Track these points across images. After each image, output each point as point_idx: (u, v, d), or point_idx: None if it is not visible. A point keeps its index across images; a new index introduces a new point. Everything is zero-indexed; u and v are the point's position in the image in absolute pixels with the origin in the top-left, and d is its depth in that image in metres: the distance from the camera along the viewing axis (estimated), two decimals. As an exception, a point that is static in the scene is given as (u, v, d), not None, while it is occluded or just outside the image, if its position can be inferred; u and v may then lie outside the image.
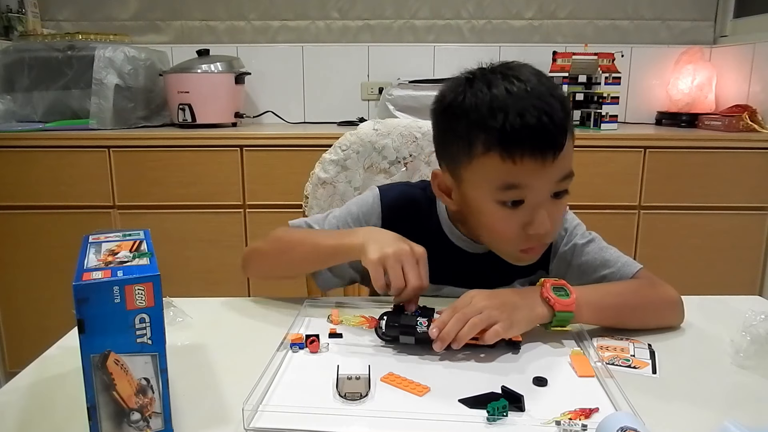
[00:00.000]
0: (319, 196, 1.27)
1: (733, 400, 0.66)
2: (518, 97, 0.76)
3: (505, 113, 0.75)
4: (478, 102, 0.78)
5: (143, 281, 0.52)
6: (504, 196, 0.79)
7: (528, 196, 0.78)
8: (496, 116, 0.75)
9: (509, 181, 0.78)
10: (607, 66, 2.10)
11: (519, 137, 0.74)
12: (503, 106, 0.75)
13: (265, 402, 0.62)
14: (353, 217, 0.96)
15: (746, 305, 0.85)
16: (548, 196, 0.79)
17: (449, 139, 0.84)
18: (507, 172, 0.77)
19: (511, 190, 0.78)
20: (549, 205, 0.79)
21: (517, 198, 0.79)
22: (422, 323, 0.73)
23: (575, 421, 0.57)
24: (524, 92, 0.76)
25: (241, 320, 0.88)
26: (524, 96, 0.76)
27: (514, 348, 0.74)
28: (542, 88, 0.77)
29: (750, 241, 1.98)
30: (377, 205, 0.96)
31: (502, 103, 0.76)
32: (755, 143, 1.93)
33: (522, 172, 0.76)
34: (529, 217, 0.79)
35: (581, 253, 0.93)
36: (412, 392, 0.65)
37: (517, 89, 0.76)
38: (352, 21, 2.44)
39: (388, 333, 0.75)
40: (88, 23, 2.42)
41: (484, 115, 0.76)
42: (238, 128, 2.20)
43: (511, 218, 0.80)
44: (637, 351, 0.75)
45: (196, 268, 1.98)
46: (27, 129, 1.99)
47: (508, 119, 0.75)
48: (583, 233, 0.96)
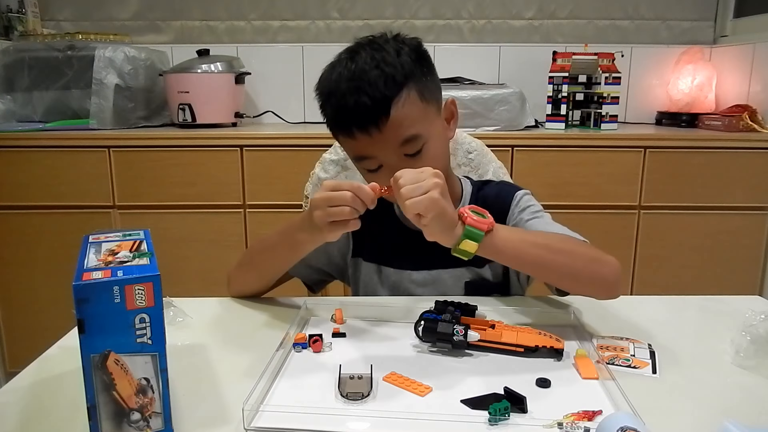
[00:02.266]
0: (320, 196, 1.27)
1: (733, 400, 0.66)
2: (345, 79, 0.86)
3: (334, 98, 0.87)
4: (323, 90, 0.90)
5: (143, 281, 0.52)
6: (362, 165, 0.92)
7: (381, 162, 0.89)
8: (329, 102, 0.88)
9: (358, 154, 0.90)
10: (607, 66, 2.10)
11: (345, 118, 0.86)
12: (333, 91, 0.87)
13: (265, 402, 0.62)
14: None
15: (746, 305, 0.85)
16: (399, 158, 0.87)
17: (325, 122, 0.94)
18: (352, 147, 0.90)
19: (364, 160, 0.90)
20: (406, 163, 0.85)
21: (373, 166, 0.89)
22: (459, 332, 0.73)
23: (578, 423, 0.57)
24: (351, 74, 0.85)
25: (241, 320, 0.88)
26: (350, 77, 0.85)
27: (557, 355, 0.73)
28: (366, 66, 0.85)
29: (750, 241, 1.98)
30: None
31: (333, 89, 0.87)
32: (755, 143, 1.92)
33: (361, 145, 0.87)
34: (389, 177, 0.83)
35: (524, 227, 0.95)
36: (414, 392, 0.65)
37: (347, 72, 0.86)
38: (352, 21, 2.44)
39: (425, 338, 0.75)
40: (88, 23, 2.42)
41: (325, 102, 0.90)
42: (238, 128, 2.20)
43: (378, 180, 0.86)
44: (638, 351, 0.75)
45: (196, 268, 1.98)
46: (27, 129, 1.99)
47: (335, 103, 0.87)
48: (535, 212, 0.98)
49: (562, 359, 0.73)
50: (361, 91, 0.84)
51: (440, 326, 0.74)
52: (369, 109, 0.83)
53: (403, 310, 0.85)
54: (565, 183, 1.92)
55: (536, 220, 0.96)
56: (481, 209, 0.80)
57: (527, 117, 2.04)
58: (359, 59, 0.86)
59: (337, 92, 0.86)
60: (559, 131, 2.06)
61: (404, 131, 0.86)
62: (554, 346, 0.72)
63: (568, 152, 1.94)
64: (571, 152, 1.94)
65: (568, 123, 2.13)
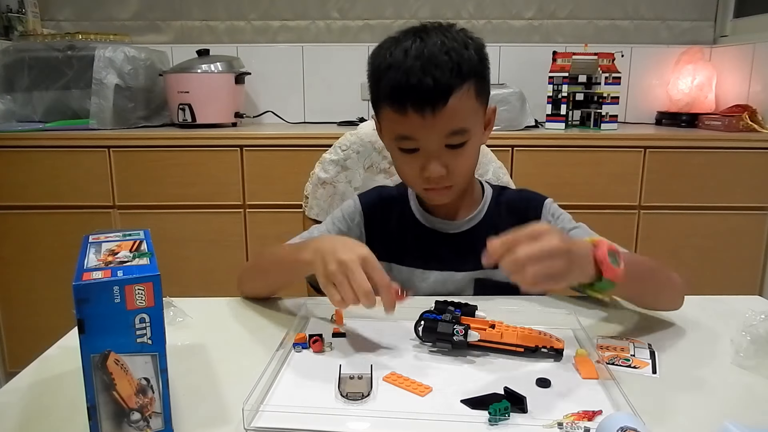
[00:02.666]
0: (319, 196, 1.27)
1: (733, 400, 0.66)
2: (412, 56, 0.84)
3: (396, 72, 0.85)
4: (382, 61, 0.88)
5: (143, 281, 0.52)
6: (400, 144, 0.90)
7: (420, 146, 0.88)
8: (388, 74, 0.86)
9: (400, 132, 0.89)
10: (607, 66, 2.10)
11: (403, 94, 0.84)
12: (397, 65, 0.85)
13: (265, 402, 0.62)
14: (339, 219, 1.04)
15: (746, 305, 0.85)
16: (440, 147, 0.88)
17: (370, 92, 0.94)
18: (398, 124, 0.88)
19: (404, 140, 0.89)
20: (444, 154, 0.88)
21: (411, 147, 0.89)
22: (459, 332, 0.73)
23: (578, 423, 0.57)
24: (420, 52, 0.84)
25: (241, 320, 0.88)
26: (417, 56, 0.84)
27: (557, 355, 0.73)
28: (436, 48, 0.84)
29: (750, 241, 1.98)
30: (358, 205, 1.05)
31: (397, 62, 0.85)
32: (755, 143, 1.92)
33: (409, 125, 0.86)
34: (424, 162, 0.89)
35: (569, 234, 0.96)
36: (414, 392, 0.65)
37: (415, 50, 0.85)
38: (352, 21, 2.44)
39: (425, 338, 0.75)
40: (88, 23, 2.42)
41: (383, 72, 0.87)
42: (238, 128, 2.20)
43: (410, 163, 0.91)
44: (638, 351, 0.75)
45: (196, 268, 1.98)
46: (27, 129, 1.99)
47: (396, 77, 0.84)
48: (570, 220, 1.00)
49: (562, 359, 0.72)
50: (427, 71, 0.82)
51: (440, 326, 0.74)
52: (430, 91, 0.83)
53: (403, 310, 0.85)
54: (565, 183, 1.92)
55: (578, 230, 0.98)
56: (612, 246, 0.75)
57: (527, 117, 2.04)
58: (429, 40, 0.85)
59: (400, 67, 0.84)
60: (559, 131, 2.06)
61: (456, 122, 0.86)
62: (554, 345, 0.72)
63: (568, 152, 1.94)
64: (571, 152, 1.94)
65: (568, 123, 2.13)
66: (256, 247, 1.99)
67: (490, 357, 0.73)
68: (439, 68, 0.83)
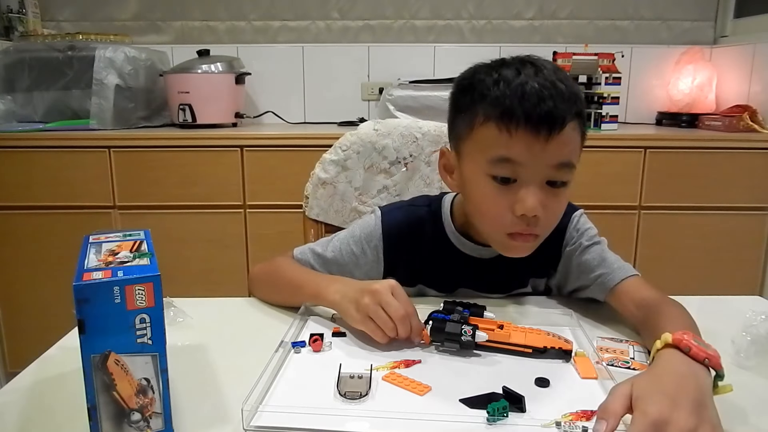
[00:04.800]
0: (320, 196, 1.27)
1: (734, 400, 0.65)
2: (526, 76, 0.78)
3: (508, 86, 0.78)
4: (487, 78, 0.81)
5: (143, 281, 0.52)
6: (496, 170, 0.79)
7: (520, 175, 0.79)
8: (499, 87, 0.78)
9: (503, 154, 0.78)
10: (607, 66, 2.10)
11: (516, 109, 0.76)
12: (508, 80, 0.78)
13: (264, 402, 0.62)
14: (355, 239, 0.97)
15: (746, 305, 0.85)
16: (542, 180, 0.79)
17: (458, 115, 0.86)
18: (502, 144, 0.78)
19: (504, 164, 0.79)
20: (543, 191, 0.79)
21: (509, 174, 0.79)
22: (467, 332, 0.72)
23: (576, 423, 0.57)
24: (533, 74, 0.78)
25: (241, 320, 0.88)
26: (531, 76, 0.78)
27: (565, 356, 0.72)
28: (552, 76, 0.79)
29: (750, 241, 1.98)
30: (378, 227, 0.97)
31: (508, 79, 0.79)
32: (755, 143, 1.92)
33: (516, 146, 0.77)
34: (521, 196, 0.79)
35: (584, 252, 0.94)
36: (413, 391, 0.65)
37: (527, 72, 0.79)
38: (353, 21, 2.44)
39: (434, 338, 0.75)
40: (88, 23, 2.42)
41: (489, 87, 0.79)
42: (238, 128, 2.20)
43: (501, 196, 0.80)
44: (637, 354, 0.75)
45: (196, 268, 1.98)
46: (27, 129, 1.99)
47: (508, 91, 0.77)
48: (592, 236, 0.96)
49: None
50: (547, 94, 0.76)
51: (448, 326, 0.73)
52: (551, 108, 0.76)
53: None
54: (565, 183, 1.92)
55: (595, 247, 0.93)
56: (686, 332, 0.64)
57: (527, 117, 2.04)
58: (542, 68, 0.80)
59: (515, 83, 0.78)
60: (559, 131, 2.06)
61: (565, 154, 0.79)
62: (562, 347, 0.72)
63: (568, 152, 1.94)
64: (571, 152, 1.94)
65: (569, 123, 2.13)
66: (257, 247, 1.99)
67: (489, 357, 0.73)
68: (559, 94, 0.77)
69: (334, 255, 0.97)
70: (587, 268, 0.92)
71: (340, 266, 0.96)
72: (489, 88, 0.79)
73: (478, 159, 0.81)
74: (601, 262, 0.91)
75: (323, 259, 0.97)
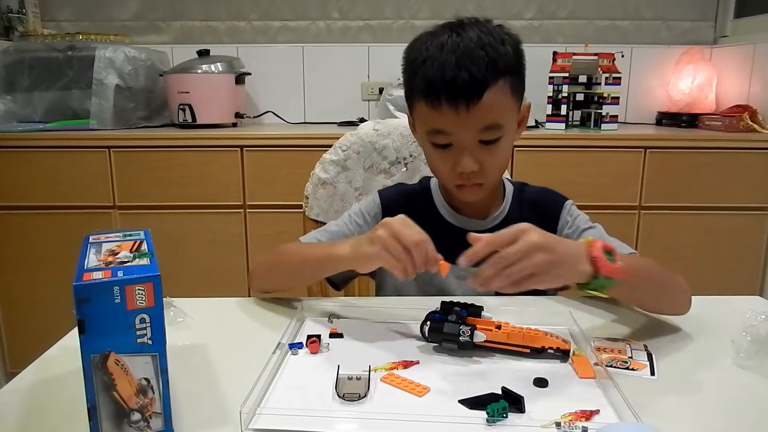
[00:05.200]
0: (320, 196, 1.27)
1: (734, 400, 0.66)
2: (448, 50, 0.84)
3: (431, 66, 0.85)
4: (418, 55, 0.88)
5: (143, 281, 0.52)
6: (434, 139, 0.90)
7: (454, 141, 0.88)
8: (423, 69, 0.86)
9: (434, 127, 0.88)
10: (607, 66, 2.10)
11: (437, 88, 0.84)
12: (432, 59, 0.85)
13: (263, 404, 0.62)
14: (357, 213, 1.04)
15: (747, 305, 0.85)
16: (473, 142, 0.88)
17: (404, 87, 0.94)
18: (432, 119, 0.88)
19: (438, 135, 0.89)
20: (477, 149, 0.88)
21: (444, 142, 0.89)
22: (465, 332, 0.72)
23: (576, 423, 0.57)
24: (455, 46, 0.84)
25: (241, 320, 0.88)
26: (453, 50, 0.84)
27: (564, 356, 0.72)
28: (472, 43, 0.85)
29: (750, 241, 1.98)
30: (377, 200, 1.05)
31: (432, 56, 0.85)
32: (755, 143, 1.92)
33: (443, 119, 0.86)
34: (457, 158, 0.88)
35: (582, 235, 0.97)
36: (412, 393, 0.65)
37: (451, 44, 0.85)
38: (353, 21, 2.44)
39: (431, 339, 0.75)
40: (88, 23, 2.42)
41: (418, 66, 0.87)
42: (238, 128, 2.20)
43: (443, 158, 0.90)
44: (635, 353, 0.75)
45: (196, 268, 1.98)
46: (27, 129, 1.99)
47: (431, 71, 0.85)
48: (587, 221, 1.01)
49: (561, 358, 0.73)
50: (463, 66, 0.83)
51: (446, 326, 0.73)
52: (466, 85, 0.83)
53: (406, 310, 0.85)
54: (565, 183, 1.90)
55: (592, 230, 0.98)
56: (608, 245, 0.76)
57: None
58: (464, 35, 0.86)
59: (435, 60, 0.84)
60: (559, 131, 2.06)
61: (490, 117, 0.86)
62: (561, 347, 0.72)
63: (569, 152, 1.94)
64: (571, 152, 1.94)
65: (569, 123, 2.13)
66: (257, 247, 1.99)
67: (488, 357, 0.73)
68: (475, 63, 0.83)
69: (339, 228, 1.02)
70: None
71: (344, 236, 1.00)
72: (419, 67, 0.87)
73: (420, 128, 0.93)
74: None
75: (328, 233, 1.01)
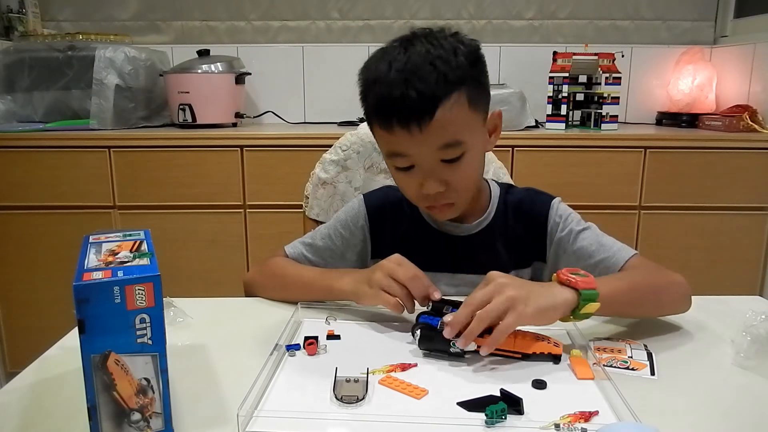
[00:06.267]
0: (320, 196, 1.27)
1: (734, 400, 0.66)
2: (396, 70, 0.80)
3: (380, 86, 0.81)
4: (369, 75, 0.85)
5: (143, 281, 0.52)
6: (394, 162, 0.87)
7: (414, 162, 0.84)
8: (374, 90, 0.83)
9: (392, 150, 0.85)
10: (607, 66, 2.10)
11: (387, 110, 0.81)
12: (381, 79, 0.81)
13: (260, 406, 0.62)
14: (342, 223, 1.01)
15: (747, 305, 0.85)
16: (435, 162, 0.84)
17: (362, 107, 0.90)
18: (388, 141, 0.84)
19: (397, 158, 0.85)
20: (440, 169, 0.84)
21: (405, 165, 0.85)
22: (455, 344, 0.71)
23: (575, 425, 0.57)
24: (403, 65, 0.80)
25: (241, 320, 0.88)
26: (401, 69, 0.80)
27: (555, 360, 0.72)
28: (419, 60, 0.80)
29: (750, 241, 1.98)
30: (363, 208, 1.02)
31: (381, 76, 0.81)
32: (755, 143, 1.92)
33: (398, 141, 0.82)
34: (421, 180, 0.85)
35: (578, 239, 0.94)
36: (410, 395, 0.64)
37: (399, 62, 0.80)
38: (353, 21, 2.44)
39: (422, 347, 0.74)
40: (88, 23, 2.42)
41: (369, 88, 0.84)
42: (238, 128, 2.20)
43: (408, 180, 0.87)
44: (635, 353, 0.75)
45: (196, 268, 1.98)
46: (27, 129, 1.99)
47: (380, 91, 0.81)
48: (579, 221, 0.97)
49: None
50: (410, 84, 0.78)
51: (436, 339, 0.72)
52: (414, 105, 0.78)
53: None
54: (565, 183, 1.92)
55: (587, 232, 0.94)
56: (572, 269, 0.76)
57: (527, 117, 2.04)
58: (413, 50, 0.81)
59: (384, 80, 0.81)
60: (559, 131, 2.06)
61: (446, 136, 0.81)
62: (552, 351, 0.72)
63: (569, 152, 1.94)
64: (571, 152, 1.94)
65: (569, 123, 2.13)
66: (256, 247, 1.99)
67: (486, 359, 0.72)
68: (423, 80, 0.78)
69: (324, 242, 1.00)
70: (585, 254, 0.92)
71: (332, 252, 0.99)
72: (369, 88, 0.84)
73: (383, 152, 0.89)
74: (599, 247, 0.92)
75: (314, 248, 0.99)
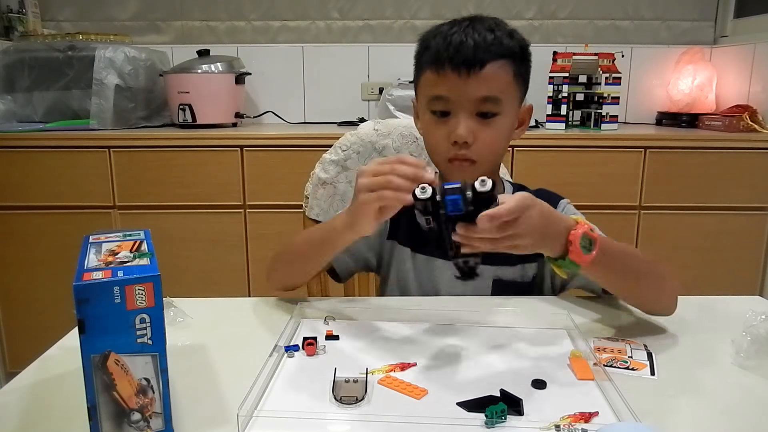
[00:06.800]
0: (320, 196, 1.27)
1: (733, 400, 0.66)
2: (459, 30, 0.90)
3: (441, 38, 0.90)
4: (430, 33, 0.94)
5: (143, 281, 0.52)
6: (433, 105, 0.93)
7: (452, 108, 0.91)
8: (434, 41, 0.91)
9: (435, 93, 0.92)
10: (607, 66, 2.10)
11: (443, 54, 0.89)
12: (442, 33, 0.91)
13: (259, 407, 0.62)
14: None
15: (747, 305, 0.85)
16: (470, 112, 0.90)
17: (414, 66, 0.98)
18: (435, 84, 0.91)
19: (438, 101, 0.92)
20: (474, 121, 0.90)
21: (443, 108, 0.91)
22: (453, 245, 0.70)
23: (575, 425, 0.57)
24: (465, 26, 0.90)
25: (241, 320, 0.88)
26: (463, 29, 0.90)
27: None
28: (483, 29, 0.90)
29: (750, 241, 1.98)
30: None
31: (443, 31, 0.91)
32: (755, 143, 1.93)
33: (445, 84, 0.89)
34: (453, 126, 0.90)
35: None
36: (410, 395, 0.64)
37: (463, 24, 0.91)
38: (353, 21, 2.44)
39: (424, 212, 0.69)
40: (88, 23, 2.42)
41: (430, 40, 0.93)
42: (238, 128, 2.20)
43: (439, 127, 0.92)
44: (635, 353, 0.75)
45: (196, 268, 1.98)
46: (27, 129, 1.99)
47: (440, 42, 0.90)
48: None
49: (557, 359, 0.72)
50: (469, 35, 0.88)
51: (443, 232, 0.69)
52: (470, 51, 0.87)
53: (398, 311, 0.85)
54: (565, 183, 1.92)
55: None
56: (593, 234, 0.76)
57: (527, 117, 2.04)
58: (476, 20, 0.92)
59: (445, 33, 0.90)
60: (559, 131, 2.06)
61: (489, 88, 0.89)
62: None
63: (569, 152, 1.94)
64: (571, 152, 1.94)
65: (569, 123, 2.13)
66: (256, 247, 1.99)
67: (485, 359, 0.72)
68: (482, 36, 0.89)
69: None
70: None
71: None
72: (430, 41, 0.93)
73: (422, 99, 0.95)
74: None
75: None
